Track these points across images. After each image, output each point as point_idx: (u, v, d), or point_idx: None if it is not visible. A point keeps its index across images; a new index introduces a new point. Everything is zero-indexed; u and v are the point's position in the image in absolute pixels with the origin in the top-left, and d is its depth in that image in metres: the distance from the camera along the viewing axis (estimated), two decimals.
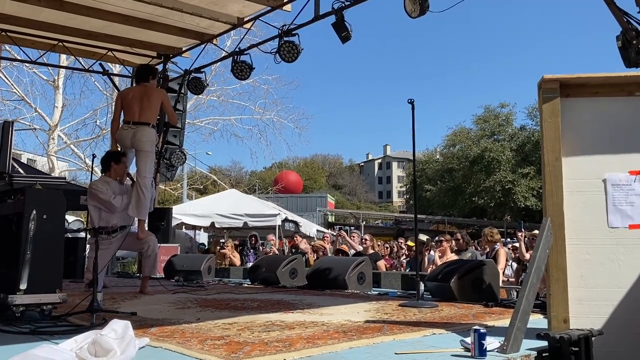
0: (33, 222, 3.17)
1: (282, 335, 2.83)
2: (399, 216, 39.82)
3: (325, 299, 4.91)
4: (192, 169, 23.40)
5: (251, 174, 57.62)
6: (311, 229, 16.33)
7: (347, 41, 6.51)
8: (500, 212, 35.59)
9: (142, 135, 5.46)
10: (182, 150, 8.97)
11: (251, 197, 17.81)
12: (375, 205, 62.27)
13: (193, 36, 8.19)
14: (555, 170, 2.80)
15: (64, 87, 16.79)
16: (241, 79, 8.08)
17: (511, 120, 36.75)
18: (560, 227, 2.75)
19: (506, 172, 33.76)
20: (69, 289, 4.46)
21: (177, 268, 7.55)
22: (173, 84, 8.94)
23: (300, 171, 53.21)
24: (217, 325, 3.17)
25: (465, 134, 37.50)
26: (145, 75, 5.76)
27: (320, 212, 34.08)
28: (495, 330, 2.92)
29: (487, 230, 6.96)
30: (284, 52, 6.99)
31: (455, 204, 36.94)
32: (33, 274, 3.14)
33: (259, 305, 4.29)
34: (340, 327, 3.14)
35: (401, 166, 72.96)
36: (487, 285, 4.64)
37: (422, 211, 35.78)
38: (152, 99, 5.57)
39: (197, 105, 18.79)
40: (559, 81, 2.86)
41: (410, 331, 3.01)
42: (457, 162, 36.91)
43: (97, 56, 8.95)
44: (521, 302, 2.58)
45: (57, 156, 17.13)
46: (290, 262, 6.68)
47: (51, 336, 2.73)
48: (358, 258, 6.36)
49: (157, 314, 3.66)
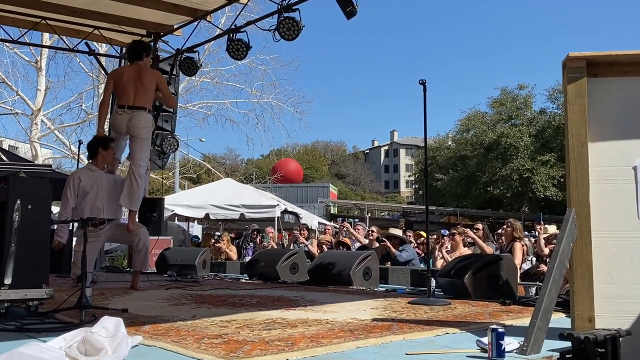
0: (17, 213, 3.18)
1: (283, 333, 2.84)
2: (407, 208, 39.91)
3: (328, 295, 4.93)
4: (185, 157, 23.43)
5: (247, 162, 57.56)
6: (312, 221, 16.35)
7: (352, 17, 6.47)
8: (518, 203, 35.56)
9: (139, 120, 5.45)
10: (174, 137, 8.96)
11: (248, 187, 17.82)
12: (381, 196, 62.35)
13: (185, 12, 8.15)
14: (581, 157, 2.78)
15: (47, 68, 16.77)
16: (237, 59, 8.04)
17: (530, 103, 36.59)
18: (586, 218, 2.74)
19: (524, 159, 33.67)
20: (55, 284, 4.48)
21: (170, 262, 7.58)
22: (164, 64, 8.91)
23: (300, 159, 53.21)
24: (214, 323, 3.19)
25: (480, 118, 37.35)
26: (139, 53, 5.70)
27: (322, 203, 34.15)
28: (513, 330, 2.93)
29: (514, 223, 6.90)
30: (284, 29, 6.95)
31: (468, 195, 36.92)
32: (18, 267, 3.17)
33: (258, 302, 4.31)
34: (345, 325, 3.15)
35: (409, 153, 72.87)
36: (504, 281, 4.64)
37: (432, 202, 35.78)
38: (147, 80, 5.54)
39: (190, 87, 18.78)
40: (585, 59, 2.84)
41: (422, 330, 3.02)
42: (471, 149, 36.83)
43: (82, 35, 8.91)
44: (542, 299, 2.58)
45: (41, 143, 17.16)
46: (290, 256, 6.70)
47: (38, 334, 2.75)
48: (364, 252, 6.38)
49: (150, 311, 3.68)
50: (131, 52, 5.81)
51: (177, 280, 6.44)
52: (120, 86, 5.54)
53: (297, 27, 6.91)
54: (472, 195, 36.68)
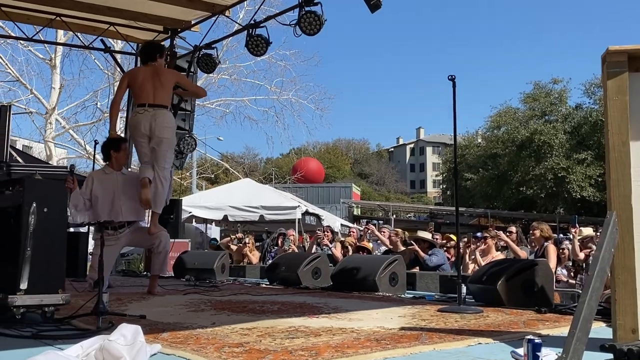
0: (33, 216, 3.24)
1: (307, 342, 2.84)
2: (435, 209, 39.64)
3: (353, 302, 4.92)
4: (202, 156, 23.65)
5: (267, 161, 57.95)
6: (335, 222, 16.37)
7: (376, 10, 6.45)
8: (552, 203, 35.14)
9: (163, 120, 5.44)
10: (191, 136, 9.03)
11: (267, 187, 17.92)
12: (406, 197, 62.15)
13: (203, 7, 8.22)
14: (622, 157, 2.73)
15: (61, 66, 17.06)
16: (257, 55, 8.09)
17: (565, 98, 36.14)
18: (628, 222, 2.69)
19: (559, 157, 33.27)
20: (71, 289, 4.56)
21: (188, 266, 7.65)
22: (181, 61, 8.99)
23: (321, 158, 53.30)
24: (234, 331, 3.20)
25: (511, 114, 37.00)
26: (152, 54, 5.72)
27: (344, 204, 34.15)
28: (550, 340, 2.89)
29: (538, 225, 6.86)
30: (305, 23, 6.96)
31: (499, 195, 36.60)
32: (34, 272, 3.22)
33: (279, 309, 4.33)
34: (372, 334, 3.14)
35: (437, 152, 72.48)
36: (539, 288, 4.59)
37: (461, 203, 35.51)
38: (164, 79, 5.55)
39: (207, 85, 18.89)
40: (627, 53, 2.78)
41: (452, 340, 3.00)
42: (502, 147, 36.47)
43: (98, 31, 9.04)
44: (582, 308, 2.54)
45: (55, 142, 17.45)
46: (312, 260, 6.71)
47: (55, 341, 2.79)
48: (390, 256, 6.36)
49: (169, 317, 3.72)
50: (144, 53, 5.82)
51: (195, 285, 6.49)
52: (137, 86, 5.55)
53: (319, 21, 6.91)
54: (504, 196, 36.34)
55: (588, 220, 23.38)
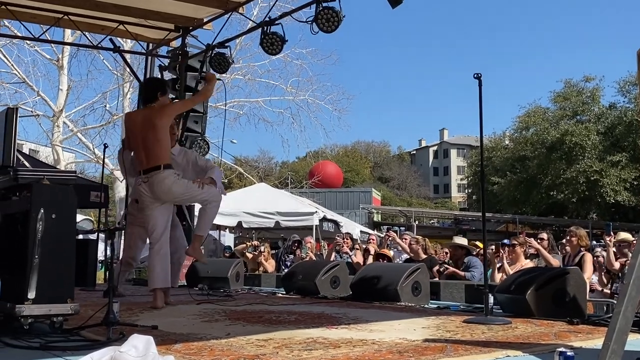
0: (41, 222, 3.28)
1: (326, 354, 2.85)
2: (460, 214, 39.51)
3: (373, 312, 4.92)
4: (215, 160, 23.73)
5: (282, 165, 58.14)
6: (354, 229, 16.35)
7: (397, 5, 6.46)
8: (585, 209, 34.80)
9: (160, 187, 5.02)
10: (204, 139, 9.10)
11: (283, 192, 17.96)
12: (430, 202, 61.95)
13: (215, 4, 8.27)
14: None
15: (69, 66, 17.24)
16: (272, 54, 8.12)
17: (598, 97, 35.86)
18: None
19: (592, 160, 32.99)
20: (80, 299, 4.61)
21: (201, 274, 7.69)
22: (193, 61, 9.06)
23: (339, 161, 53.33)
24: (250, 342, 3.22)
25: (541, 114, 36.79)
26: (151, 94, 5.25)
27: (364, 209, 34.16)
28: (583, 353, 2.87)
29: (576, 231, 6.75)
30: (322, 20, 6.98)
31: (528, 200, 36.35)
32: (42, 281, 3.26)
33: (297, 319, 4.34)
34: (394, 346, 3.14)
35: (461, 154, 72.16)
36: (571, 297, 4.55)
37: (488, 208, 35.21)
38: (159, 129, 5.03)
39: (219, 85, 19.00)
40: None
41: (479, 352, 2.99)
42: (531, 149, 36.27)
43: (106, 30, 9.15)
44: (617, 319, 2.51)
45: (63, 146, 17.64)
46: (331, 268, 6.71)
47: (63, 352, 2.83)
48: (412, 265, 6.34)
49: (182, 328, 3.74)
50: (143, 91, 5.45)
51: (209, 294, 6.52)
52: (133, 140, 5.24)
53: (337, 17, 6.93)
54: (533, 201, 36.08)
55: (623, 226, 23.11)
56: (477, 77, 4.48)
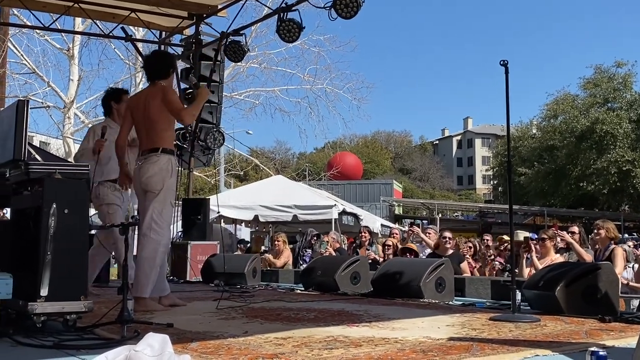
0: (53, 218, 3.31)
1: (347, 354, 2.85)
2: (485, 207, 39.24)
3: (396, 309, 4.92)
4: (230, 152, 23.82)
5: (300, 156, 58.23)
6: (374, 223, 16.34)
7: None
8: (616, 200, 34.44)
9: (147, 169, 4.74)
10: (219, 130, 9.13)
11: (301, 185, 17.99)
12: (453, 194, 61.63)
13: None
14: None
15: (79, 56, 17.33)
16: (288, 42, 8.12)
17: (630, 84, 35.33)
18: None
19: (623, 149, 32.57)
20: (93, 296, 4.66)
21: (217, 270, 7.73)
22: (207, 49, 9.09)
23: (359, 152, 53.30)
24: (268, 340, 3.23)
25: (570, 101, 36.37)
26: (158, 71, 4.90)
27: (384, 202, 34.10)
28: (615, 352, 2.85)
29: (604, 224, 6.68)
30: (341, 6, 6.98)
31: (557, 191, 36.00)
32: (54, 278, 3.29)
33: (316, 317, 4.35)
34: (417, 345, 3.13)
35: (486, 144, 71.64)
36: (602, 294, 4.50)
37: (515, 200, 34.99)
38: (154, 109, 4.76)
39: (235, 74, 19.01)
40: None
41: (507, 351, 2.97)
42: (560, 138, 35.87)
43: (118, 19, 9.21)
44: None
45: (74, 138, 17.76)
46: (351, 264, 6.70)
47: (77, 351, 2.86)
48: (436, 260, 6.31)
49: (197, 326, 3.77)
50: (147, 68, 5.08)
51: (225, 290, 6.55)
52: (135, 122, 4.95)
53: (356, 3, 6.92)
54: (562, 192, 35.73)
55: None
56: (503, 64, 4.44)
